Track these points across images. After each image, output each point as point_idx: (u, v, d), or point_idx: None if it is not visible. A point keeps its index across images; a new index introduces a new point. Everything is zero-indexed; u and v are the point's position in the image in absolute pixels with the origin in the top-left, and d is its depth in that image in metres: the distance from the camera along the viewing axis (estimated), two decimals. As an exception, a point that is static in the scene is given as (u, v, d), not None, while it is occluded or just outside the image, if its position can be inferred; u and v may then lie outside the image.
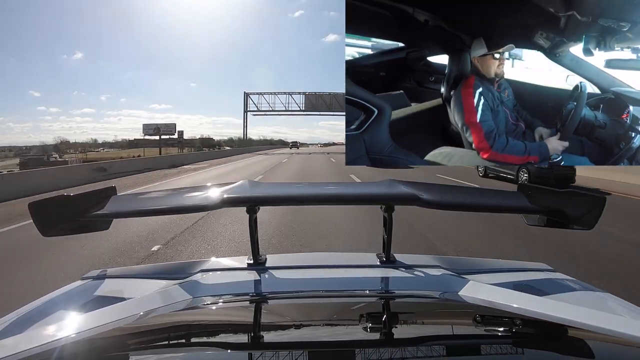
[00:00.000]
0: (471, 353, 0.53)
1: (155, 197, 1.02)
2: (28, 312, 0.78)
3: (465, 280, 0.77)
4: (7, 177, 11.68)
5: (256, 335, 0.60)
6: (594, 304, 0.78)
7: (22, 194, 9.60)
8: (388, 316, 0.67)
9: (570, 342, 0.55)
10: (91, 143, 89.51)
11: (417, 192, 0.84)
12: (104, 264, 4.22)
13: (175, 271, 0.92)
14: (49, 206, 0.86)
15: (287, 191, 1.05)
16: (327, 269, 0.90)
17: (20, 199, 9.06)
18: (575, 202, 0.87)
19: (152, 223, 5.77)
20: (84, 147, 79.60)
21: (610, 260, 4.10)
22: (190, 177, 15.95)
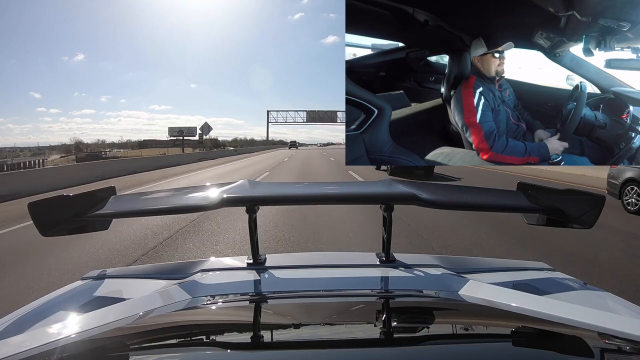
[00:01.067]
0: (471, 352, 0.53)
1: (154, 197, 1.02)
2: (28, 312, 0.78)
3: (465, 280, 0.77)
4: (110, 162, 21.02)
5: (256, 335, 0.60)
6: (594, 303, 0.78)
7: (123, 173, 16.14)
8: (388, 315, 0.67)
9: (569, 341, 0.55)
10: (99, 144, 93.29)
11: (417, 192, 0.84)
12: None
13: (175, 271, 0.92)
14: (49, 206, 0.86)
15: (286, 191, 1.05)
16: (327, 268, 0.90)
17: (117, 177, 14.46)
18: (575, 201, 0.87)
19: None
20: (94, 147, 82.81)
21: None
22: (227, 165, 22.72)
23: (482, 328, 0.64)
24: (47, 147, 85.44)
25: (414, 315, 0.70)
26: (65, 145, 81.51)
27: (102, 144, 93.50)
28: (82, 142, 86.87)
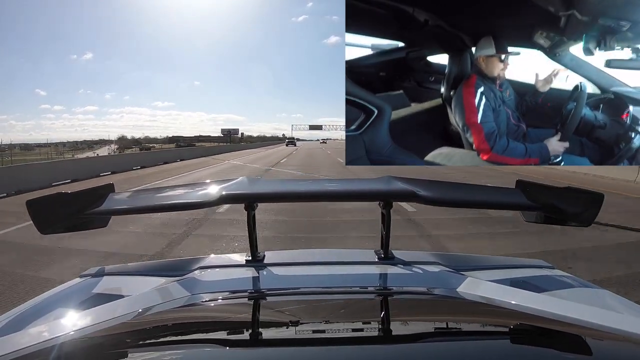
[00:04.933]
0: (469, 349, 0.53)
1: (153, 194, 1.02)
2: (27, 309, 0.78)
3: (464, 277, 0.77)
4: (162, 152, 29.50)
5: (254, 332, 0.60)
6: (592, 301, 0.78)
7: (197, 156, 24.61)
8: (386, 313, 0.67)
9: (568, 339, 0.55)
10: (143, 139, 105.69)
11: (416, 189, 0.84)
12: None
13: (174, 268, 0.92)
14: (47, 204, 0.86)
15: (285, 188, 1.05)
16: (326, 265, 0.89)
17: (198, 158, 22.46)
18: (574, 199, 0.86)
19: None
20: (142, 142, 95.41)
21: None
22: (263, 150, 31.44)
23: (481, 325, 0.64)
24: (80, 142, 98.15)
25: (413, 313, 0.70)
26: (103, 140, 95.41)
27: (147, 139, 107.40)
28: (125, 138, 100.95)
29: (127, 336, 0.59)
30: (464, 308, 0.69)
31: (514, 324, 0.61)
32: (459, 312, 0.69)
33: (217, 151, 35.16)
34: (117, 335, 0.59)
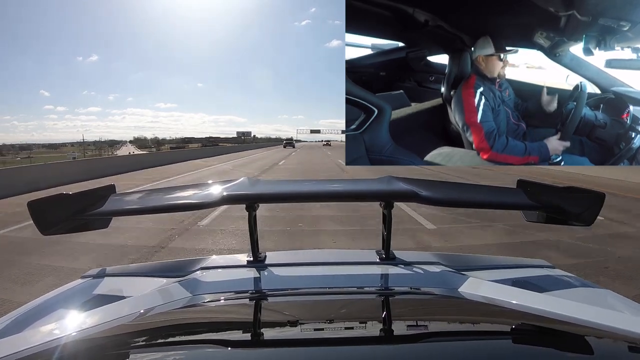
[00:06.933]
0: (471, 349, 0.53)
1: (154, 195, 1.02)
2: (28, 310, 0.78)
3: (465, 277, 0.77)
4: (218, 147, 44.86)
5: (256, 333, 0.60)
6: (593, 301, 0.78)
7: (224, 153, 34.42)
8: (388, 313, 0.67)
9: (569, 339, 0.55)
10: (172, 139, 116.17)
11: (417, 189, 0.84)
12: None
13: (175, 269, 0.92)
14: (48, 205, 0.86)
15: (286, 188, 1.05)
16: (327, 266, 0.89)
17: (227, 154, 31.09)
18: (575, 199, 0.86)
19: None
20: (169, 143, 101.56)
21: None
22: (271, 149, 41.03)
23: (482, 325, 0.64)
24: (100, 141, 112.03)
25: (414, 313, 0.70)
26: (114, 141, 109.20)
27: (176, 139, 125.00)
28: (140, 138, 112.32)
29: (129, 337, 0.59)
30: (465, 308, 0.69)
31: (516, 324, 0.61)
32: (460, 312, 0.69)
33: (238, 149, 44.90)
34: (119, 336, 0.59)
